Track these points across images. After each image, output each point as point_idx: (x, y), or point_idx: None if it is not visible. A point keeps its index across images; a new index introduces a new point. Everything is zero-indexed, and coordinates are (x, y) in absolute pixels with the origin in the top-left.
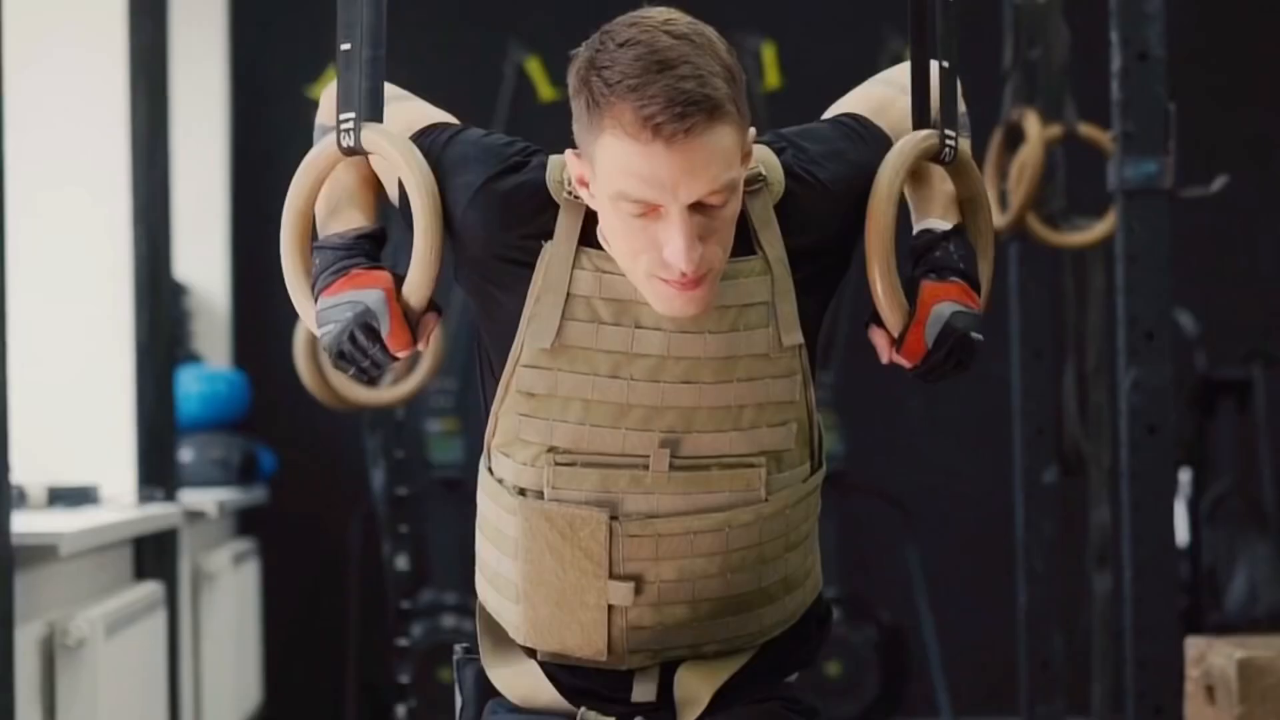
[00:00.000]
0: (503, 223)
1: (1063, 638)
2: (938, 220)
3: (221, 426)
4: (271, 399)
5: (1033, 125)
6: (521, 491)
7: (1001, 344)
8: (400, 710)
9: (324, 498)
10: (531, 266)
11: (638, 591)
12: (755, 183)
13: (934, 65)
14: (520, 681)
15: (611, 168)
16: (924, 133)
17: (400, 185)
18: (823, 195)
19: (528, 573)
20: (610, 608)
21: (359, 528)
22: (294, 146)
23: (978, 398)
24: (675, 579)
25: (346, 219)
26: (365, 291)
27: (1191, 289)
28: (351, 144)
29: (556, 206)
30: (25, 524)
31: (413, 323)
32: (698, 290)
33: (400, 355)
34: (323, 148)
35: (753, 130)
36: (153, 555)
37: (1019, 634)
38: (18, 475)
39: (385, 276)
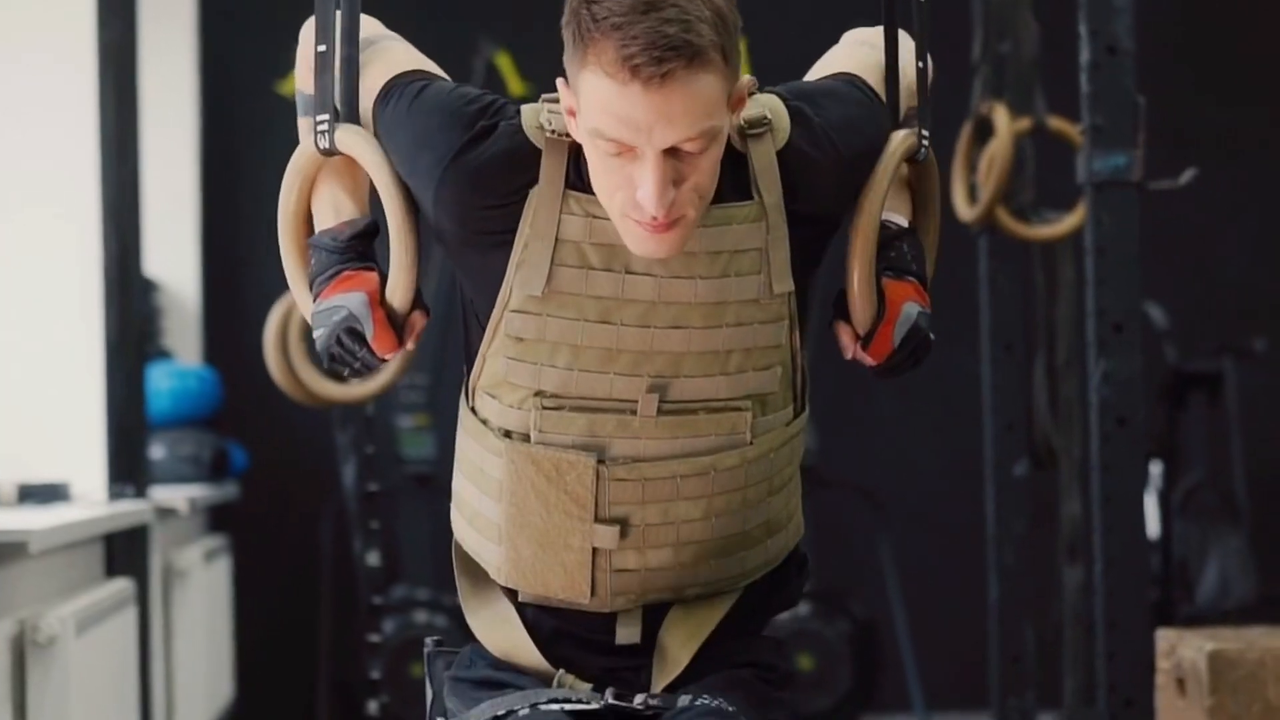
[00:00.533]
0: (477, 197)
1: (1034, 631)
2: (895, 215)
3: (192, 423)
4: (242, 395)
5: (1002, 118)
6: (507, 434)
7: (971, 337)
8: (372, 706)
9: (295, 494)
10: (514, 230)
11: (623, 535)
12: (759, 126)
13: (905, 43)
14: (499, 633)
15: (591, 103)
16: (905, 132)
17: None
18: (837, 164)
19: (511, 514)
20: (594, 550)
21: (330, 524)
22: (264, 142)
23: (948, 391)
24: (660, 522)
25: (337, 209)
26: (349, 295)
27: (1161, 282)
28: (327, 145)
29: (539, 153)
30: None
31: (398, 324)
32: (669, 233)
33: (387, 357)
34: (302, 150)
35: (748, 78)
36: (124, 552)
37: (990, 627)
38: None
39: (372, 278)
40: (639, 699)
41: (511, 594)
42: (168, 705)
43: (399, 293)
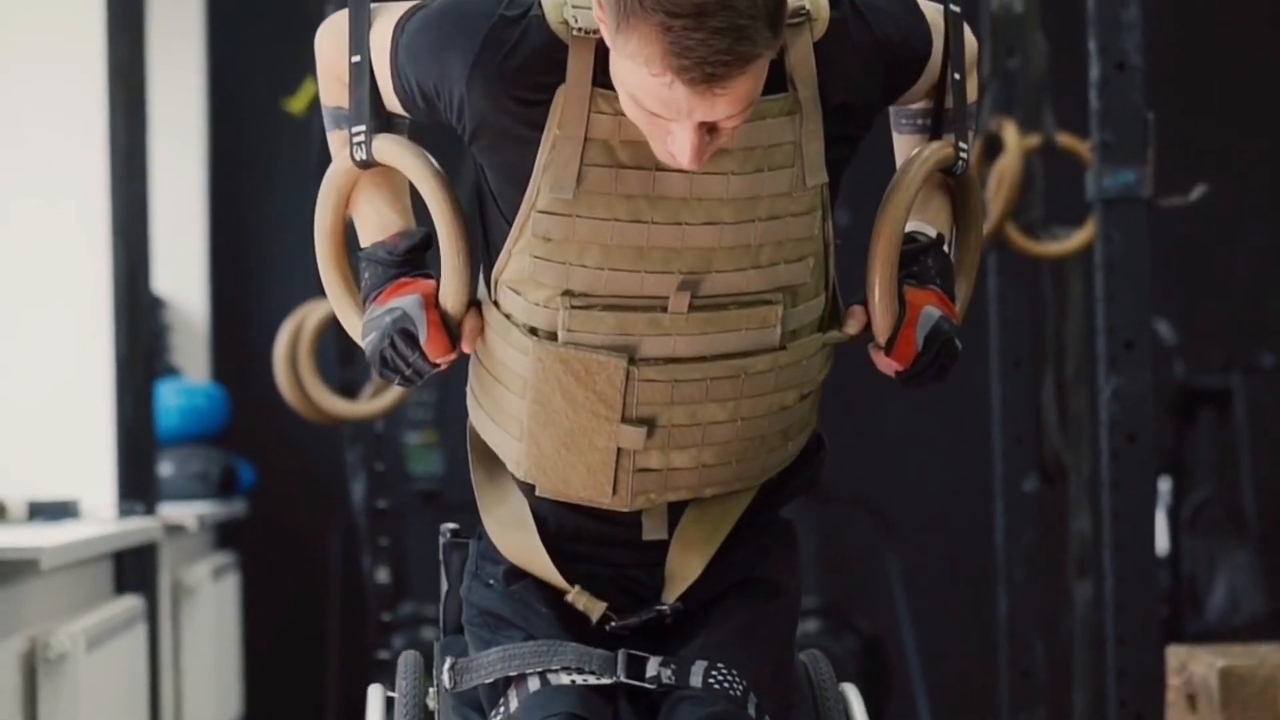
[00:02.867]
0: (505, 95)
1: (1044, 647)
2: (925, 225)
3: (201, 440)
4: (250, 412)
5: (1011, 135)
6: (533, 330)
7: (981, 353)
8: None
9: (304, 511)
10: (542, 128)
11: (649, 435)
12: (796, 17)
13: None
14: (513, 537)
15: (628, 76)
16: (940, 142)
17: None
18: (871, 46)
19: (535, 412)
20: (619, 450)
21: (339, 540)
22: (272, 159)
23: (957, 407)
24: (687, 423)
25: (383, 222)
26: (404, 297)
27: (1170, 298)
28: (364, 157)
29: (565, 49)
30: (6, 538)
31: (452, 329)
32: (701, 159)
33: (440, 361)
34: (338, 164)
35: None
36: (133, 569)
37: (1000, 643)
38: None
39: (428, 284)
40: (651, 669)
41: (527, 488)
42: None
43: (452, 295)
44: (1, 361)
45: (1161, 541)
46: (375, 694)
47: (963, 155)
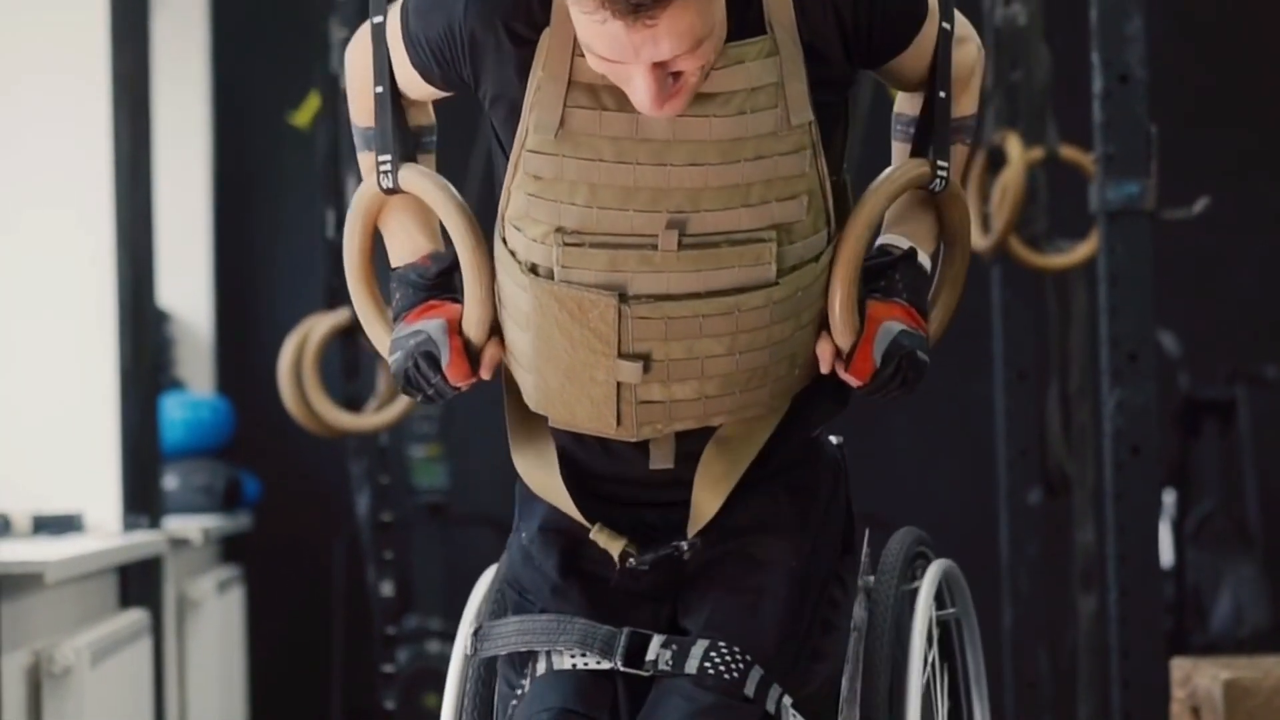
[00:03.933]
0: (500, 21)
1: (1048, 658)
2: (899, 239)
3: (205, 453)
4: (255, 425)
5: (1014, 148)
6: (533, 268)
7: (985, 366)
8: None
9: (308, 524)
10: (529, 69)
11: (646, 369)
12: None
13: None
14: (539, 478)
15: (578, 27)
16: (916, 160)
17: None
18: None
19: (538, 347)
20: (619, 384)
21: (343, 554)
22: (276, 172)
23: (961, 418)
24: (684, 357)
25: (414, 244)
26: (429, 321)
27: (1174, 310)
28: (390, 185)
29: None
30: (10, 552)
31: (473, 355)
32: (672, 101)
33: (461, 385)
34: (365, 189)
35: None
36: (138, 583)
37: (1004, 655)
38: (1, 503)
39: (455, 308)
40: (651, 651)
41: (548, 424)
42: None
43: (474, 324)
44: (5, 374)
45: (1166, 553)
46: (489, 574)
47: (941, 173)
